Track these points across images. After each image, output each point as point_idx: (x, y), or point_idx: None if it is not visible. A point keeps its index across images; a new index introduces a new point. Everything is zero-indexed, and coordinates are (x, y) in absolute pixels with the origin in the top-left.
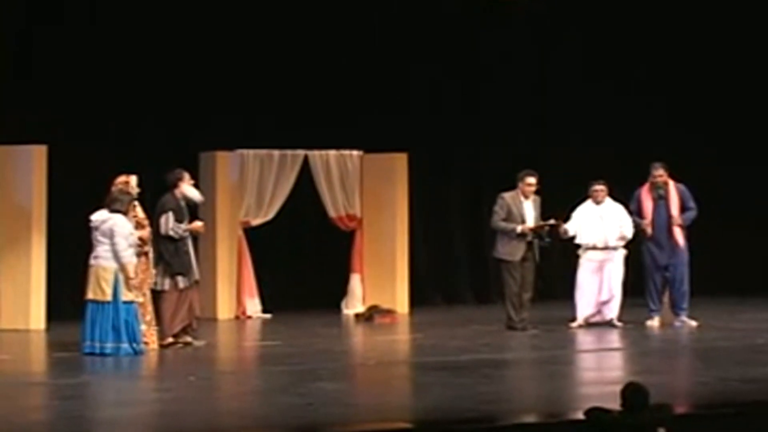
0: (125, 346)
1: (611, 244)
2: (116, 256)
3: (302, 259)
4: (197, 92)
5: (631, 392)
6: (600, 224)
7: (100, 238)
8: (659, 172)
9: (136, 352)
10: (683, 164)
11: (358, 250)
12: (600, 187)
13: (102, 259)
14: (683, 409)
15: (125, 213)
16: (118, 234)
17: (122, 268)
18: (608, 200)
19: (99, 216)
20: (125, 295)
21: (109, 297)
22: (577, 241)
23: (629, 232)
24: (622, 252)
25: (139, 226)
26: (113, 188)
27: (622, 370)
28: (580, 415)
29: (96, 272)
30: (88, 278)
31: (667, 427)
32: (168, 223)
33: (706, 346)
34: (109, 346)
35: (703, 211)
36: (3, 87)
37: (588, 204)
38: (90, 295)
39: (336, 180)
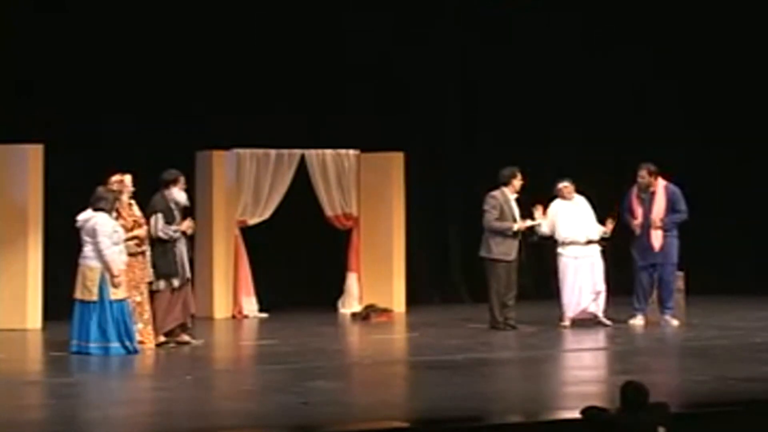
0: (115, 345)
1: (590, 236)
2: (99, 254)
3: (299, 259)
4: (194, 91)
5: (631, 391)
6: (578, 219)
7: (85, 237)
8: (641, 173)
9: (129, 351)
10: (682, 164)
11: (354, 249)
12: (567, 184)
13: (88, 259)
14: (681, 408)
15: (109, 211)
16: (100, 233)
17: (106, 266)
18: (576, 196)
19: (83, 215)
20: (113, 294)
21: (95, 297)
22: (557, 237)
23: (597, 233)
24: (598, 247)
25: (136, 225)
26: (99, 187)
27: (619, 369)
28: (577, 414)
29: (83, 272)
30: (77, 278)
31: (666, 426)
32: (157, 224)
33: (703, 345)
34: (94, 346)
35: (702, 211)
36: None
37: (559, 202)
38: (77, 295)
39: (333, 179)
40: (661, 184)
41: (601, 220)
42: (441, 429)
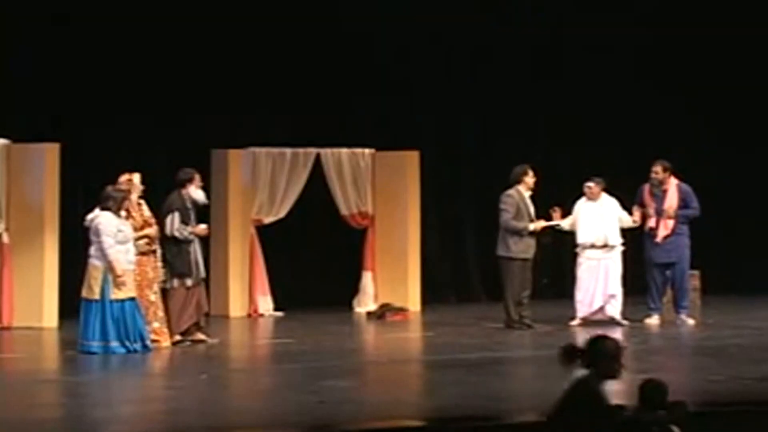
0: (114, 344)
1: (611, 242)
2: (103, 253)
3: (314, 257)
4: (209, 91)
5: (651, 389)
6: (600, 222)
7: (91, 236)
8: (655, 169)
9: (129, 351)
10: (696, 163)
11: (370, 247)
12: (592, 185)
13: (93, 257)
14: (696, 407)
15: (116, 211)
16: (103, 232)
17: (110, 266)
18: (604, 196)
19: (91, 215)
20: (114, 294)
21: (96, 296)
22: (577, 239)
23: (626, 223)
24: (620, 249)
25: (146, 224)
26: (108, 186)
27: (634, 368)
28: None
29: (88, 271)
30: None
31: (682, 425)
32: (173, 223)
33: (719, 344)
34: (96, 344)
35: (716, 209)
36: (15, 85)
37: (584, 202)
38: (83, 294)
39: (348, 178)
40: (673, 182)
41: (628, 210)
42: (456, 428)
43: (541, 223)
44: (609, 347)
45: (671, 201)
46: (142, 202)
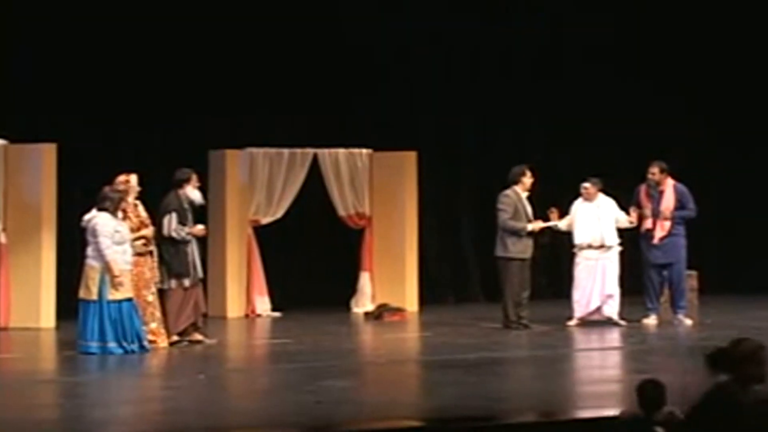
0: (112, 345)
1: (607, 243)
2: (100, 254)
3: (312, 258)
4: (207, 91)
5: (652, 389)
6: (596, 223)
7: (88, 237)
8: (652, 170)
9: (126, 351)
10: (696, 163)
11: (367, 248)
12: (588, 185)
13: (90, 258)
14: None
15: (113, 212)
16: (100, 233)
17: (107, 266)
18: (601, 196)
19: (88, 215)
20: (111, 294)
21: (94, 296)
22: (574, 240)
23: (623, 223)
24: (618, 249)
25: (142, 225)
26: (105, 187)
27: (632, 369)
28: (591, 414)
29: (86, 271)
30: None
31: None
32: (171, 224)
33: (717, 344)
34: (94, 345)
35: (715, 209)
36: (13, 86)
37: (581, 202)
38: (81, 294)
39: (345, 178)
40: (670, 183)
41: (625, 210)
42: (454, 428)
43: (539, 224)
44: (748, 350)
45: (668, 202)
46: (138, 202)
